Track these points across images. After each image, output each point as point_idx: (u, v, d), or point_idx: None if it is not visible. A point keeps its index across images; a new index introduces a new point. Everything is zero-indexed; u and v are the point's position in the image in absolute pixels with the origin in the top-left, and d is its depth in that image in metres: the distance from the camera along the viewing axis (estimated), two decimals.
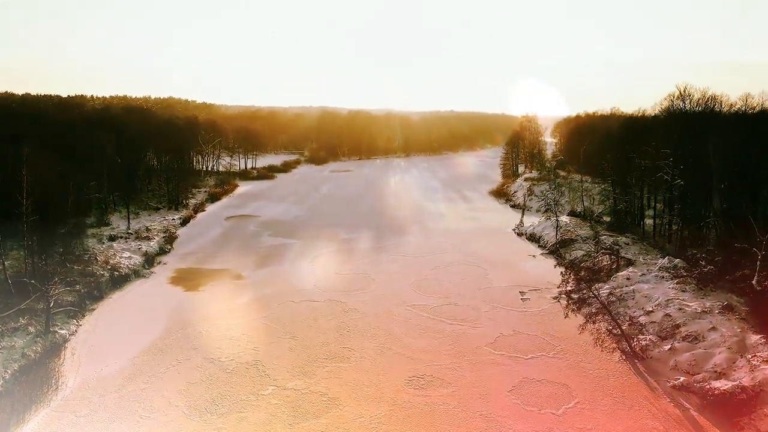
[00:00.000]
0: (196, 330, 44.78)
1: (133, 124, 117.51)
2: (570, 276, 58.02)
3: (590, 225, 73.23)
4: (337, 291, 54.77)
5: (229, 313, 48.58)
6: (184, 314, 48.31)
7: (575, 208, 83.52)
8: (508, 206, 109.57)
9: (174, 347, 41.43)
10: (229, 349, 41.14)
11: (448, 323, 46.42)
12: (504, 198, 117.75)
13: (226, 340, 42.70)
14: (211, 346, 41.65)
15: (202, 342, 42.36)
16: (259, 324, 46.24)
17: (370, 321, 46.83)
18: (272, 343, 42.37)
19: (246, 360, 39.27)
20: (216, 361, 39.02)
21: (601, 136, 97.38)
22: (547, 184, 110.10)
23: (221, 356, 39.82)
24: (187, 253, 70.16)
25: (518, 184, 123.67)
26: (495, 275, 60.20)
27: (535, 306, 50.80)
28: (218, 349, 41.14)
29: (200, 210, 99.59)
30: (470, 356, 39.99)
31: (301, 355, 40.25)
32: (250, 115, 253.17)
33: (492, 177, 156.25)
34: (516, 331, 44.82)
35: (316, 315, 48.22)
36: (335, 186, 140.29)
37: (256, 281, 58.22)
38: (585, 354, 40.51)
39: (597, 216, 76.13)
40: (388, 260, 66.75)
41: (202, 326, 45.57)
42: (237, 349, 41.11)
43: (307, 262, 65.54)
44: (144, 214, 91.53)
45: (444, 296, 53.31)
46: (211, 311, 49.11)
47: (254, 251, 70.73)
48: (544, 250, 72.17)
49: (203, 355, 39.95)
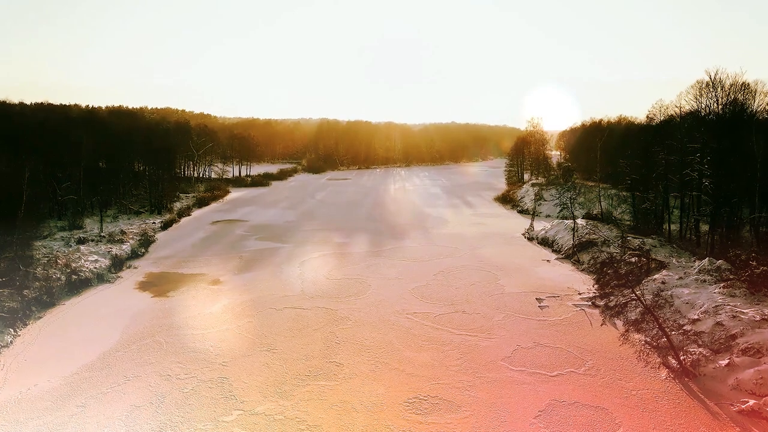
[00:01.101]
0: (156, 341, 37.67)
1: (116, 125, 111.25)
2: (594, 281, 51.25)
3: (609, 227, 66.21)
4: (328, 297, 47.76)
5: (199, 322, 41.50)
6: (146, 323, 41.22)
7: (591, 211, 76.60)
8: (515, 212, 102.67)
9: (125, 361, 34.30)
10: (191, 363, 34.04)
11: (455, 333, 39.28)
12: (510, 204, 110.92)
13: (190, 353, 35.60)
14: (170, 360, 34.55)
15: (160, 355, 35.25)
16: (231, 334, 39.13)
17: (364, 331, 39.73)
18: (245, 356, 35.25)
19: (210, 377, 32.14)
20: (173, 379, 31.88)
21: (617, 139, 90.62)
22: (557, 188, 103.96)
23: (180, 373, 32.69)
24: (163, 256, 63.19)
25: (525, 190, 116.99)
26: (506, 281, 53.15)
27: (556, 314, 43.68)
28: (178, 364, 34.05)
29: (185, 214, 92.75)
30: (484, 373, 32.84)
31: (277, 371, 33.12)
32: (247, 124, 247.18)
33: (496, 185, 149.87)
34: (536, 342, 37.67)
35: (301, 324, 41.13)
36: (332, 193, 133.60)
37: (236, 286, 51.20)
38: (622, 370, 33.33)
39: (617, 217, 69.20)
40: (386, 265, 59.73)
41: (164, 336, 38.48)
42: (201, 363, 34.01)
43: (295, 267, 58.53)
44: (124, 218, 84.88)
45: (450, 303, 46.22)
46: (178, 320, 42.04)
47: (238, 255, 63.76)
48: (559, 254, 65.16)
49: (159, 371, 32.82)
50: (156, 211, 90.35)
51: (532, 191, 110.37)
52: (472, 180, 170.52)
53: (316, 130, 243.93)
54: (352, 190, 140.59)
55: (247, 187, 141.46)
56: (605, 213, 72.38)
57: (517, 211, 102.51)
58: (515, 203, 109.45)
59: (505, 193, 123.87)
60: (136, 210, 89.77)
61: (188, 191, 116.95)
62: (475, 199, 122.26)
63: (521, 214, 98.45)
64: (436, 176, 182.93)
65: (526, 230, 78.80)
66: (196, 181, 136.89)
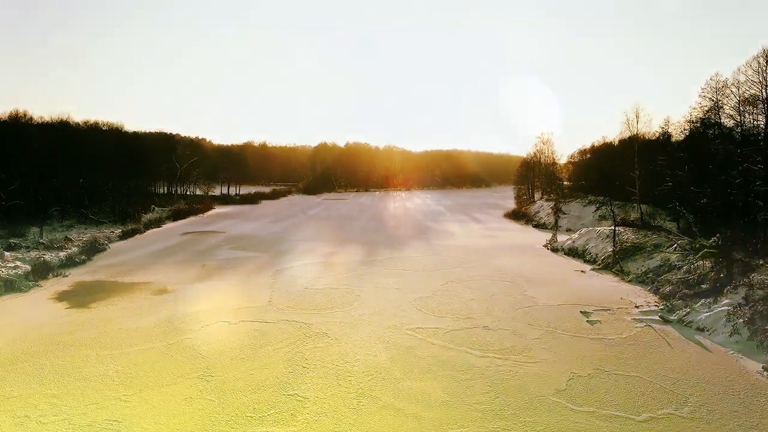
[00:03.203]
0: (38, 364, 25.63)
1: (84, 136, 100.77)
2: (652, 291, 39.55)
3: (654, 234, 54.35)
4: (301, 309, 35.77)
5: (115, 340, 29.48)
6: (38, 340, 29.21)
7: (629, 216, 64.90)
8: (530, 226, 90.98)
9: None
10: (72, 398, 21.97)
11: (477, 356, 27.17)
12: (523, 219, 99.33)
13: (79, 383, 23.54)
14: (43, 393, 22.49)
15: (31, 386, 23.20)
16: (156, 355, 27.06)
17: (345, 351, 27.67)
18: (163, 386, 23.16)
19: (93, 419, 20.06)
20: (30, 423, 19.80)
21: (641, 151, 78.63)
22: (578, 201, 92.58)
23: (47, 413, 20.62)
24: (108, 264, 51.38)
25: (539, 205, 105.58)
26: (536, 292, 41.14)
27: (614, 331, 31.58)
28: (53, 398, 21.99)
29: (154, 226, 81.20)
30: (529, 415, 20.71)
31: (205, 410, 21.02)
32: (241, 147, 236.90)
33: (503, 205, 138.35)
34: (599, 368, 25.53)
35: (258, 342, 29.09)
36: (325, 209, 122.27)
37: (185, 296, 39.25)
38: (746, 410, 21.19)
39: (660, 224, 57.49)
40: (381, 274, 47.84)
41: (52, 358, 26.45)
42: (89, 398, 21.95)
43: (266, 276, 46.61)
44: (81, 227, 73.43)
45: (465, 317, 34.19)
46: (86, 336, 30.03)
47: (201, 264, 51.93)
48: (594, 264, 53.25)
49: (14, 411, 20.74)
50: (120, 221, 78.86)
51: (547, 206, 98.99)
52: (477, 201, 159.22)
53: (313, 152, 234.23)
54: (347, 207, 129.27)
55: (235, 204, 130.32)
56: (645, 217, 60.68)
57: (532, 226, 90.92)
58: (529, 218, 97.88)
59: (516, 210, 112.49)
60: (97, 220, 78.25)
61: (166, 206, 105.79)
62: (483, 215, 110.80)
63: (537, 228, 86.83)
64: (439, 198, 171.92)
65: (548, 241, 67.05)
66: (178, 197, 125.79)
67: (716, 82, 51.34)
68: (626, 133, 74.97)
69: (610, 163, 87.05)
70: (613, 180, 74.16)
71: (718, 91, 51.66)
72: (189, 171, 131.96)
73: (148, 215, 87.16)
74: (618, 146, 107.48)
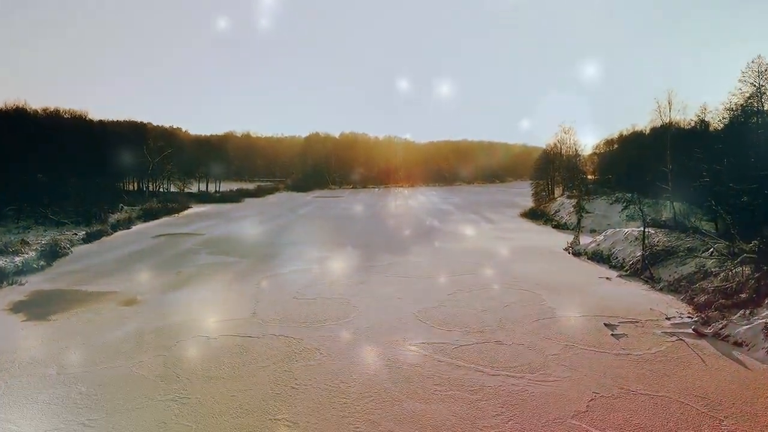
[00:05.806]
0: None
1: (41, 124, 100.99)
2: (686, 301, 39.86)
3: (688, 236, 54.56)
4: (290, 322, 35.97)
5: (75, 358, 29.68)
6: None
7: (660, 216, 65.07)
8: (549, 227, 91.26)
9: None
10: (27, 424, 22.14)
11: (489, 373, 27.36)
12: (542, 219, 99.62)
13: (39, 405, 23.71)
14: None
15: None
16: (125, 374, 27.24)
17: (340, 369, 27.86)
18: (134, 410, 23.33)
19: None
20: None
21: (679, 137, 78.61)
22: (603, 198, 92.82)
23: None
24: (69, 271, 51.60)
25: (560, 203, 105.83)
26: (556, 302, 41.36)
27: (641, 346, 31.78)
28: (8, 422, 22.19)
29: (123, 227, 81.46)
30: None
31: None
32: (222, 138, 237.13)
33: (519, 203, 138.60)
34: (624, 388, 25.72)
35: (242, 359, 29.29)
36: (317, 208, 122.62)
37: (156, 307, 39.46)
38: None
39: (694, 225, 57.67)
40: (380, 282, 48.05)
41: (9, 379, 26.66)
42: (50, 422, 22.14)
43: (250, 285, 46.83)
44: (39, 229, 73.57)
45: (476, 330, 34.39)
46: (48, 353, 30.22)
47: (175, 271, 52.15)
48: (621, 270, 53.48)
49: None
50: (84, 222, 79.04)
51: (569, 203, 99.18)
52: (490, 198, 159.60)
53: (304, 143, 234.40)
54: (342, 206, 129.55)
55: (214, 202, 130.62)
56: (679, 217, 60.83)
57: (551, 226, 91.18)
58: (549, 217, 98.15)
59: (534, 209, 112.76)
60: (58, 220, 78.42)
61: (136, 205, 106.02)
62: (497, 215, 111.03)
63: (557, 229, 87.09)
64: (446, 195, 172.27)
65: (570, 244, 67.26)
66: (150, 195, 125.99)
67: (759, 65, 51.56)
68: (657, 121, 75.18)
69: (639, 155, 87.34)
70: (643, 174, 74.47)
71: (761, 75, 51.89)
72: (162, 165, 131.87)
73: (115, 215, 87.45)
74: (648, 135, 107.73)
